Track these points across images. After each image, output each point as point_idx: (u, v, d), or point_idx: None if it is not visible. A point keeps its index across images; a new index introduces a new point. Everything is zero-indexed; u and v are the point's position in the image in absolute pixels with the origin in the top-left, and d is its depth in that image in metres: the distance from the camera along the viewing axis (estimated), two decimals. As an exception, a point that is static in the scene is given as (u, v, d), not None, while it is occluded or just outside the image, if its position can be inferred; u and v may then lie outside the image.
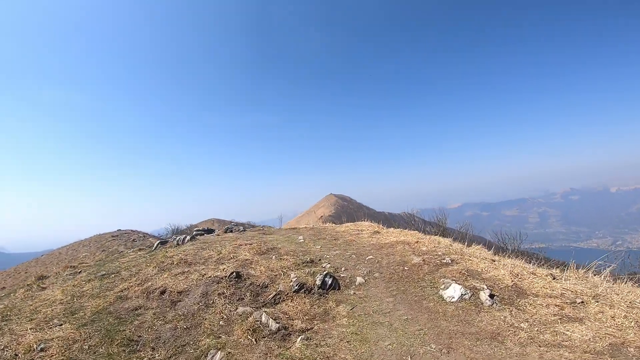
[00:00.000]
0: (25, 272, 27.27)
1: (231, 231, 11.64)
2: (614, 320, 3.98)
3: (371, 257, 6.76)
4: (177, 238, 9.93)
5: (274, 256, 6.89)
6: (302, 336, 4.03)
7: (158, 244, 10.12)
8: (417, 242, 7.56)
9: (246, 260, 6.58)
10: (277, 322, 4.27)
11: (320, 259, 6.78)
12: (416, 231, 10.51)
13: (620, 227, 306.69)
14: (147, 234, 36.20)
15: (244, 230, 11.75)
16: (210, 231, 14.46)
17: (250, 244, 7.89)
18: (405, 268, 5.96)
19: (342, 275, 5.96)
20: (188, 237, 9.85)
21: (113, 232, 34.93)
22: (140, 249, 11.16)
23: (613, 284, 5.25)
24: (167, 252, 8.54)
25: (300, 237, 9.37)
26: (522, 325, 3.98)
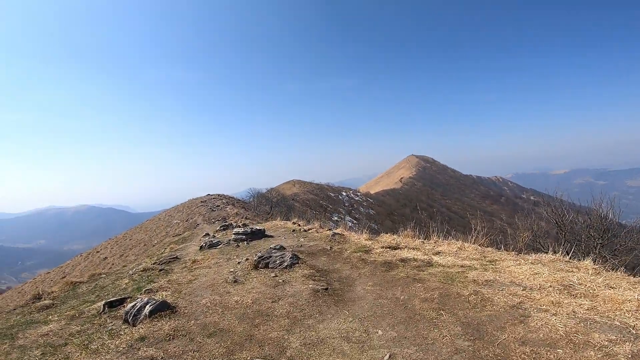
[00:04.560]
0: (130, 239, 27.85)
1: (267, 265, 5.54)
2: None
3: None
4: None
5: None
6: None
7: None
8: None
9: None
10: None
11: None
12: None
13: None
14: (231, 197, 35.53)
15: (288, 267, 5.42)
16: (257, 234, 8.97)
17: None
18: None
19: None
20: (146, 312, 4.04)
21: (202, 197, 34.90)
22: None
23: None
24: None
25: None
26: None
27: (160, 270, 6.83)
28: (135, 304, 4.17)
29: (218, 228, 13.30)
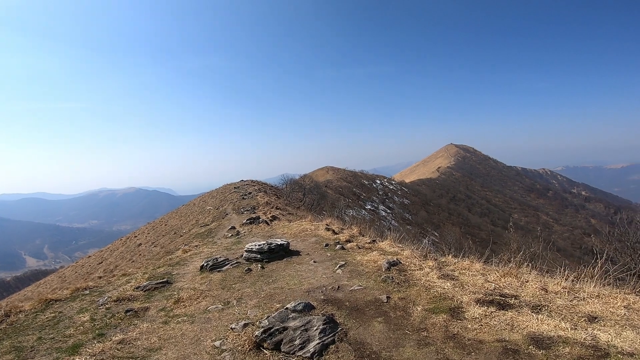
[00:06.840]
0: (165, 225, 27.27)
1: (278, 346, 3.05)
2: None
3: None
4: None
5: None
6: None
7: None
8: None
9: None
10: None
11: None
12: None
13: None
14: (264, 184, 34.32)
15: (316, 355, 2.85)
16: (276, 252, 6.72)
17: None
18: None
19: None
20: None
21: (236, 183, 33.92)
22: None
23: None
24: None
25: None
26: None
27: (127, 311, 4.58)
28: None
29: (244, 221, 12.86)
